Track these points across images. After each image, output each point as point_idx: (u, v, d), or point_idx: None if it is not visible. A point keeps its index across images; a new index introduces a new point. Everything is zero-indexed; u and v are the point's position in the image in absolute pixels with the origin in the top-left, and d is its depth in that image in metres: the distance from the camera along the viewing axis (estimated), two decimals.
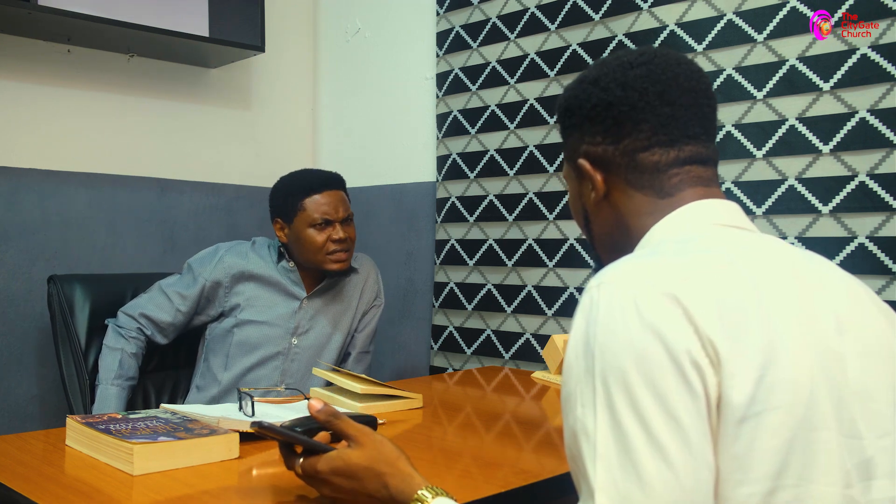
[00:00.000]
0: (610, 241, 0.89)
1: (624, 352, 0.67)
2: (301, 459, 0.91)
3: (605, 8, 1.96)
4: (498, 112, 2.20)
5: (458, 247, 2.30)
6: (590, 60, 1.99)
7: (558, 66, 2.06)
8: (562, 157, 0.98)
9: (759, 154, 1.69)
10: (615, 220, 0.87)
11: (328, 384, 1.64)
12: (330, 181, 1.90)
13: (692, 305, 0.67)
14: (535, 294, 2.10)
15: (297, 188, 1.88)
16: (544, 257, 2.09)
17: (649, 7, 1.86)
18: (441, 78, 2.35)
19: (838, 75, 1.58)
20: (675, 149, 0.84)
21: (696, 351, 0.66)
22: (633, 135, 0.84)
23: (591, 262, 2.00)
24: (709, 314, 0.67)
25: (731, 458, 0.66)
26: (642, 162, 0.84)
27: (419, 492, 0.83)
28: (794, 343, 0.70)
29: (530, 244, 2.12)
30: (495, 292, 2.20)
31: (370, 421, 1.20)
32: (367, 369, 2.05)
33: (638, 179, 0.84)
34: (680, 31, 1.81)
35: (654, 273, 0.71)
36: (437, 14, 2.36)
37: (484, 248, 2.23)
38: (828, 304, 0.75)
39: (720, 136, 1.73)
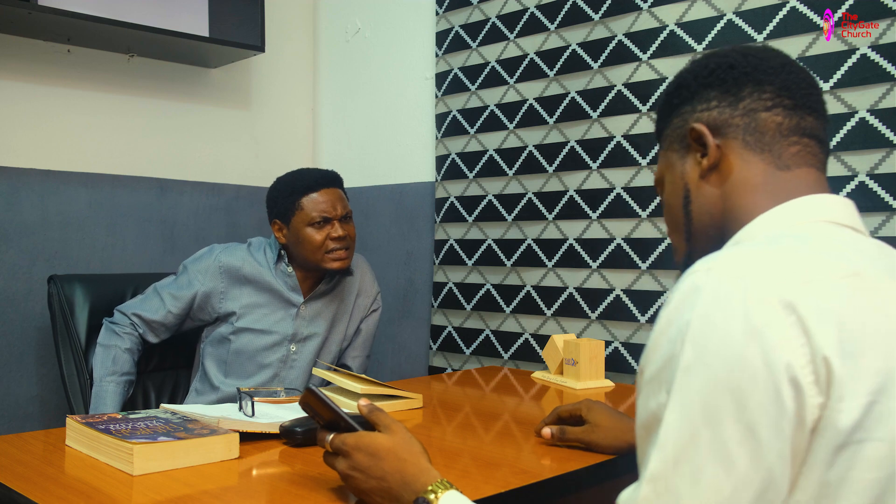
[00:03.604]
0: (709, 223, 0.81)
1: (716, 349, 0.61)
2: (333, 435, 0.95)
3: (604, 8, 1.96)
4: (497, 112, 2.20)
5: (457, 247, 2.30)
6: (589, 60, 1.99)
7: (558, 66, 2.06)
8: (561, 155, 0.97)
9: None
10: (720, 197, 0.80)
11: (327, 384, 1.63)
12: (327, 179, 1.88)
13: (810, 316, 0.61)
14: (534, 294, 2.11)
15: (293, 188, 1.86)
16: (544, 257, 2.09)
17: (649, 7, 1.86)
18: (440, 78, 2.35)
19: (838, 75, 1.58)
20: (797, 115, 0.79)
21: (802, 366, 0.60)
22: (754, 94, 0.79)
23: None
24: (827, 327, 0.61)
25: (820, 483, 0.61)
26: (764, 122, 0.79)
27: (435, 483, 0.85)
28: None
29: (529, 244, 2.12)
30: (494, 292, 2.20)
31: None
32: (365, 373, 2.04)
33: (758, 141, 0.79)
34: (680, 31, 1.81)
35: (772, 269, 0.64)
36: (437, 14, 2.37)
37: (483, 248, 2.23)
38: None
39: None
